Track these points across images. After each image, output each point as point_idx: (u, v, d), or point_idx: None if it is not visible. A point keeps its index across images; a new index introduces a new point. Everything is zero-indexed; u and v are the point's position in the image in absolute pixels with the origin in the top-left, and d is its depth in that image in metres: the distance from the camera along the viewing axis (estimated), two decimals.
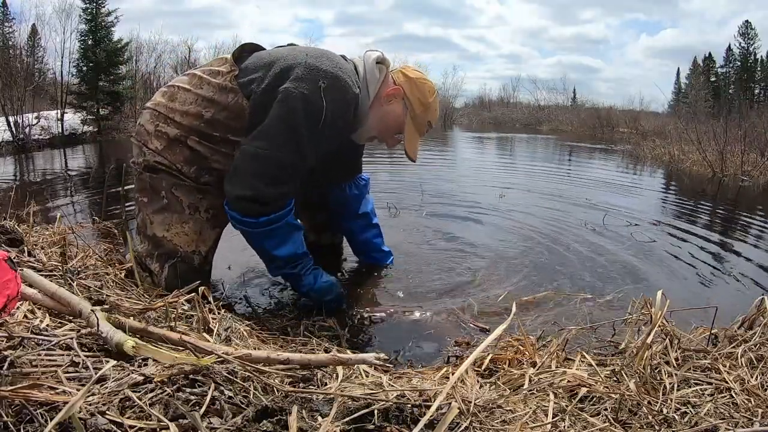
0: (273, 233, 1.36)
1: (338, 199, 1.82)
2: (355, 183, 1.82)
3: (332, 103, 1.32)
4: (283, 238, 1.38)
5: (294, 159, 1.32)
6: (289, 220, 1.37)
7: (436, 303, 1.58)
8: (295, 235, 1.40)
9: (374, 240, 1.89)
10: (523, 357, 1.05)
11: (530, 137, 12.39)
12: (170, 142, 1.40)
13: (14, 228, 1.39)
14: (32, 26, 12.03)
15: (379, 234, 1.90)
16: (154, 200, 1.43)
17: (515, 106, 23.46)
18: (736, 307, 1.52)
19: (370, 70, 1.48)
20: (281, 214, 1.34)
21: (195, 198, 1.43)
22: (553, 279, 1.84)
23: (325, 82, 1.31)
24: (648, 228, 2.72)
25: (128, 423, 0.58)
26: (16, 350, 0.71)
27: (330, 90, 1.31)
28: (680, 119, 9.27)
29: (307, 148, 1.33)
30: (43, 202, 2.68)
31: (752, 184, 5.14)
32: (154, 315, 1.05)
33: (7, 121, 5.64)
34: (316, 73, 1.31)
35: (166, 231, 1.41)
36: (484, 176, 4.65)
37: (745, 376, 0.96)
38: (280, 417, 0.66)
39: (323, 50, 1.44)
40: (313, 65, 1.33)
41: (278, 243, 1.37)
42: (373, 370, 0.94)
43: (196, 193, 1.43)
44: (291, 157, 1.32)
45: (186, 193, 1.43)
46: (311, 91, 1.30)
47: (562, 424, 0.77)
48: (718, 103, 16.87)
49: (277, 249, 1.37)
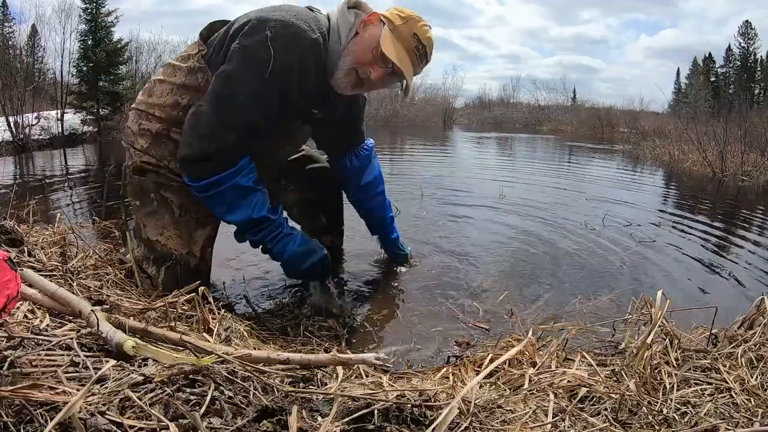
0: (220, 197, 1.28)
1: (340, 173, 1.77)
2: (356, 153, 1.74)
3: (282, 50, 1.23)
4: (232, 202, 1.29)
5: (235, 114, 1.24)
6: (238, 182, 1.27)
7: (436, 303, 1.58)
8: (249, 198, 1.30)
9: (377, 211, 1.83)
10: (523, 357, 1.05)
11: (530, 137, 12.39)
12: (154, 138, 1.38)
13: (14, 228, 1.38)
14: (32, 26, 12.02)
15: (382, 204, 1.82)
16: (145, 204, 1.41)
17: (515, 106, 23.42)
18: (736, 307, 1.52)
19: (341, 14, 1.37)
20: (224, 176, 1.25)
21: (185, 197, 1.40)
22: (553, 279, 1.84)
23: (273, 31, 1.22)
24: (648, 228, 2.72)
25: (128, 423, 0.58)
26: (16, 350, 0.71)
27: (278, 38, 1.23)
28: (680, 119, 9.27)
29: (251, 104, 1.24)
30: (43, 202, 2.68)
31: (752, 184, 5.14)
32: (154, 315, 1.05)
33: (7, 121, 5.63)
34: (264, 23, 1.24)
35: (159, 235, 1.39)
36: (485, 176, 4.65)
37: (745, 376, 0.96)
38: (280, 417, 0.66)
39: (285, 4, 1.35)
40: (263, 17, 1.25)
41: (228, 208, 1.29)
42: (373, 370, 0.94)
43: (186, 192, 1.39)
44: (232, 113, 1.24)
45: (176, 194, 1.40)
46: (253, 43, 1.22)
47: (562, 424, 0.77)
48: (718, 103, 16.84)
49: (229, 214, 1.30)
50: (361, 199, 1.82)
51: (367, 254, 2.01)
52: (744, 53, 27.47)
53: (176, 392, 0.66)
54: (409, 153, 7.03)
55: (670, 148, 7.50)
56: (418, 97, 19.52)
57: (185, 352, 0.80)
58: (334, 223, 1.94)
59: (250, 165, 1.31)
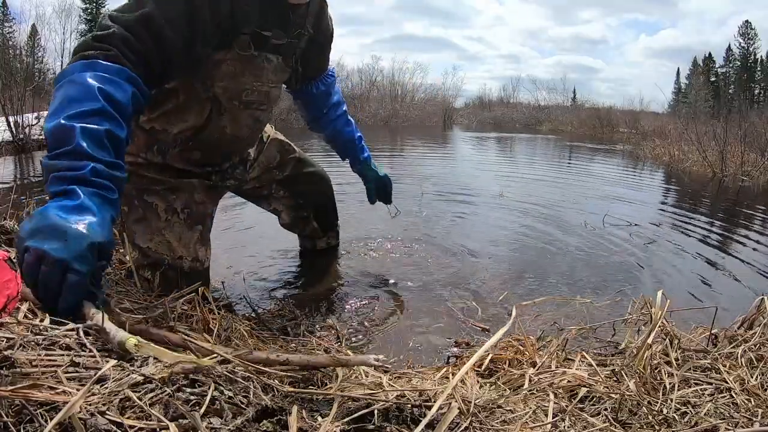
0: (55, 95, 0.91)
1: (304, 98, 1.70)
2: (323, 81, 1.67)
3: None
4: (57, 102, 0.88)
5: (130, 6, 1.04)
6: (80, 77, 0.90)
7: (436, 303, 1.58)
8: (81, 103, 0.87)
9: (346, 131, 1.76)
10: (523, 357, 1.05)
11: (530, 137, 12.39)
12: None
13: (14, 228, 1.38)
14: (32, 26, 12.03)
15: (348, 122, 1.76)
16: (132, 210, 1.38)
17: (515, 106, 23.46)
18: (736, 307, 1.52)
19: None
20: (74, 66, 0.93)
21: (169, 200, 1.38)
22: (553, 279, 1.84)
23: None
24: (648, 228, 2.72)
25: (128, 423, 0.58)
26: (16, 350, 0.71)
27: None
28: (680, 119, 9.27)
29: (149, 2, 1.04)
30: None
31: (752, 184, 5.14)
32: (155, 315, 1.05)
33: (7, 121, 5.63)
34: None
35: (149, 241, 1.37)
36: (484, 176, 4.65)
37: (745, 376, 0.96)
38: (280, 417, 0.66)
39: None
40: None
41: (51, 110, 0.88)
42: (373, 370, 0.94)
43: (169, 194, 1.39)
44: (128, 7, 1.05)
45: (160, 198, 1.38)
46: None
47: (562, 424, 0.77)
48: (718, 103, 16.86)
49: (47, 119, 0.88)
50: (327, 122, 1.73)
51: (365, 253, 2.02)
52: (744, 53, 27.52)
53: (176, 392, 0.66)
54: (409, 153, 7.03)
55: (670, 148, 7.50)
56: (418, 97, 19.54)
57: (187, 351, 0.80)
58: (328, 226, 1.93)
59: (119, 75, 0.95)
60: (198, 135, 1.37)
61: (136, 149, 1.37)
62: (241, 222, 2.46)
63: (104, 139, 0.86)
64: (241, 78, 1.31)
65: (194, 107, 1.32)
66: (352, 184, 2.89)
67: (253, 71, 1.32)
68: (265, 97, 1.41)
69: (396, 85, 19.62)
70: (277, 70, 1.39)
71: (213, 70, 1.27)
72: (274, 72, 1.38)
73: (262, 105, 1.42)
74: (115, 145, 0.89)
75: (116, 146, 0.89)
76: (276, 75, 1.40)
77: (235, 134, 1.42)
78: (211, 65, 1.26)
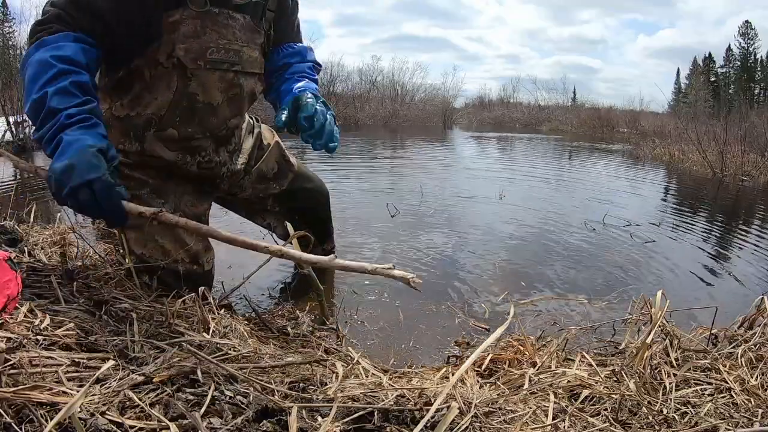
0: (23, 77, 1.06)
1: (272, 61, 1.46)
2: (291, 45, 1.45)
3: None
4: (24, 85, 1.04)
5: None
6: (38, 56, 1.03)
7: (436, 303, 1.58)
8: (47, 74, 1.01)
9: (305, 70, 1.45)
10: (523, 357, 1.05)
11: (530, 137, 12.38)
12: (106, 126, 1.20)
13: (14, 228, 1.39)
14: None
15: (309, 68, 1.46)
16: None
17: (515, 106, 23.42)
18: (736, 307, 1.52)
19: None
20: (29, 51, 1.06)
21: (157, 204, 1.32)
22: (554, 278, 1.84)
23: None
24: (648, 228, 2.72)
25: (128, 423, 0.58)
26: (16, 350, 0.71)
27: None
28: (680, 119, 9.26)
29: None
30: (43, 202, 2.68)
31: (752, 184, 5.14)
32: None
33: (7, 121, 5.62)
34: None
35: (143, 248, 1.34)
36: (485, 176, 4.65)
37: (745, 376, 0.96)
38: (280, 417, 0.66)
39: None
40: None
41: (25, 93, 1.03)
42: (373, 369, 0.94)
43: (156, 197, 1.34)
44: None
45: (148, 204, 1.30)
46: None
47: (562, 424, 0.77)
48: (718, 103, 16.86)
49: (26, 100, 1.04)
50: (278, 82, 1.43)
51: (365, 253, 2.02)
52: (744, 53, 27.50)
53: (176, 392, 0.66)
54: (409, 153, 7.03)
55: (670, 148, 7.50)
56: (417, 98, 19.54)
57: None
58: (325, 238, 1.86)
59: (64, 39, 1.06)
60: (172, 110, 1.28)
61: (114, 140, 1.23)
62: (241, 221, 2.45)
63: (69, 88, 1.00)
64: (203, 36, 1.24)
65: (162, 82, 1.25)
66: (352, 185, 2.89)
67: (215, 28, 1.25)
68: (235, 56, 1.30)
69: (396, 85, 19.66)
70: (245, 29, 1.30)
71: (172, 34, 1.21)
72: (242, 30, 1.29)
73: (235, 65, 1.31)
74: (82, 89, 1.02)
75: (82, 89, 1.02)
76: (245, 34, 1.31)
77: (209, 102, 1.32)
78: (170, 29, 1.20)
